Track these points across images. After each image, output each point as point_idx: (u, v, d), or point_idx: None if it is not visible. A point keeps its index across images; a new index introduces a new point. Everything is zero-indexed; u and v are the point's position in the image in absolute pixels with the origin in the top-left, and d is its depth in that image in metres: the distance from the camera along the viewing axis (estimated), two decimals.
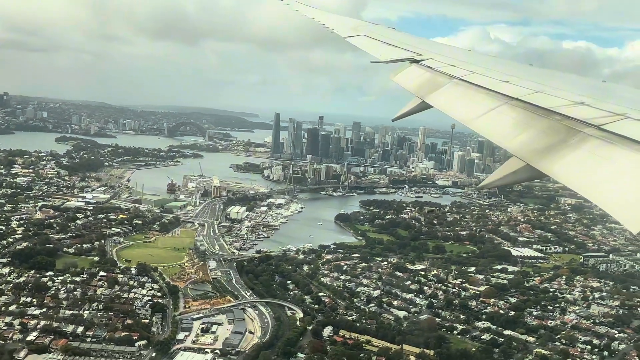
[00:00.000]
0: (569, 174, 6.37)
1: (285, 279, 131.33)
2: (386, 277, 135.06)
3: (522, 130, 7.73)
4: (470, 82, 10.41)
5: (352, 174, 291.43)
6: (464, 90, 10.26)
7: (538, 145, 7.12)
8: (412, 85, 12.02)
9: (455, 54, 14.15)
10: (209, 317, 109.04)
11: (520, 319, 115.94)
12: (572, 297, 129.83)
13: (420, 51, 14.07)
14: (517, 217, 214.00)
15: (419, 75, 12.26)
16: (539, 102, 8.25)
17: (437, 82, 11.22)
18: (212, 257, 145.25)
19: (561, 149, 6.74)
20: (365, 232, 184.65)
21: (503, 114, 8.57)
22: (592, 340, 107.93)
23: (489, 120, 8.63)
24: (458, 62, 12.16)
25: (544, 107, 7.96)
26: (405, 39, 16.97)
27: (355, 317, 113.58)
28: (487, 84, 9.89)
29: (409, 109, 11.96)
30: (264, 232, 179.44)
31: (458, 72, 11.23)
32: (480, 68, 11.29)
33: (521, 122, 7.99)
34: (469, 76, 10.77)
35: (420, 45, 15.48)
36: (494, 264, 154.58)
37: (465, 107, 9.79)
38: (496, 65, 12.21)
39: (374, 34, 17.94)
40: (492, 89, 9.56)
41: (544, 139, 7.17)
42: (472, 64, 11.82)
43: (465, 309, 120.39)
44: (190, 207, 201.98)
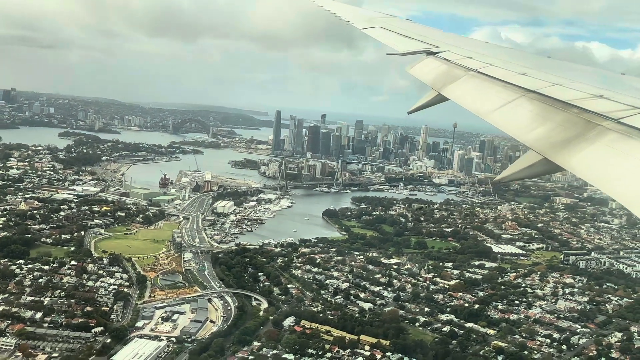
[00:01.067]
0: (586, 168, 6.28)
1: (257, 271, 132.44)
2: (357, 270, 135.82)
3: (539, 123, 7.67)
4: (487, 75, 10.34)
5: (348, 171, 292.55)
6: (481, 83, 10.21)
7: (555, 138, 7.08)
8: (428, 77, 11.98)
9: (473, 46, 14.06)
10: (172, 306, 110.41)
11: (484, 312, 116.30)
12: (542, 293, 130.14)
13: (437, 43, 14.01)
14: (505, 214, 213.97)
15: (435, 68, 12.20)
16: (556, 94, 8.18)
17: (453, 75, 11.19)
18: (189, 249, 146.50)
19: (579, 143, 6.65)
20: (349, 228, 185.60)
21: (520, 106, 8.50)
22: (552, 334, 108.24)
23: (505, 113, 8.56)
24: (475, 54, 12.10)
25: (561, 100, 7.90)
26: (422, 31, 16.96)
27: (320, 309, 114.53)
28: (504, 77, 9.83)
29: (425, 101, 11.94)
30: (248, 226, 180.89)
31: (475, 65, 11.20)
32: (498, 60, 11.28)
33: (538, 115, 7.92)
34: (486, 68, 10.73)
35: (437, 37, 15.45)
36: (473, 259, 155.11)
37: (482, 100, 9.71)
38: (514, 57, 12.26)
39: (390, 26, 17.77)
40: (509, 82, 9.49)
41: (562, 133, 7.11)
42: (490, 56, 11.81)
43: (430, 302, 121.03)
44: (178, 200, 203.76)
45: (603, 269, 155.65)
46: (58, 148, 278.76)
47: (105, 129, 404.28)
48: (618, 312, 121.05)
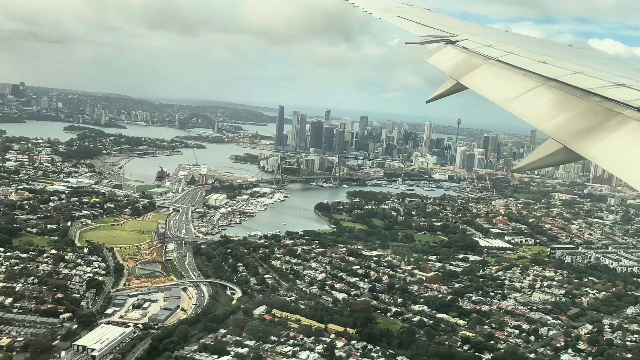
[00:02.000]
0: (607, 157, 6.25)
1: (237, 262, 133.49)
2: (336, 262, 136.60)
3: (560, 111, 7.61)
4: (506, 63, 10.24)
5: (347, 166, 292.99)
6: (500, 71, 10.13)
7: (576, 127, 7.01)
8: (447, 66, 11.90)
9: (492, 35, 13.88)
10: (146, 294, 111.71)
11: (456, 303, 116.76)
12: (519, 285, 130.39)
13: (456, 32, 13.95)
14: (498, 210, 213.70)
15: (454, 56, 12.11)
16: (577, 83, 8.12)
17: (472, 63, 11.08)
18: (173, 240, 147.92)
19: (600, 131, 6.60)
20: (339, 221, 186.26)
21: (540, 95, 8.43)
22: (521, 325, 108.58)
23: (525, 101, 8.50)
24: (495, 43, 12.02)
25: (582, 89, 7.84)
26: (441, 20, 16.90)
27: (294, 298, 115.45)
28: (524, 65, 9.73)
29: (443, 90, 11.83)
30: (238, 218, 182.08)
31: (494, 53, 11.09)
32: (518, 49, 11.17)
33: (559, 104, 7.85)
34: (505, 57, 10.62)
35: (456, 25, 15.38)
36: (458, 253, 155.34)
37: (501, 89, 9.61)
38: (534, 46, 12.17)
39: (408, 15, 17.64)
40: (529, 70, 9.40)
41: (582, 121, 7.05)
42: (509, 45, 11.72)
43: (405, 293, 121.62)
44: (171, 193, 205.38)
45: (588, 263, 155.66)
46: (60, 141, 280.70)
47: (112, 124, 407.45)
48: (592, 305, 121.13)
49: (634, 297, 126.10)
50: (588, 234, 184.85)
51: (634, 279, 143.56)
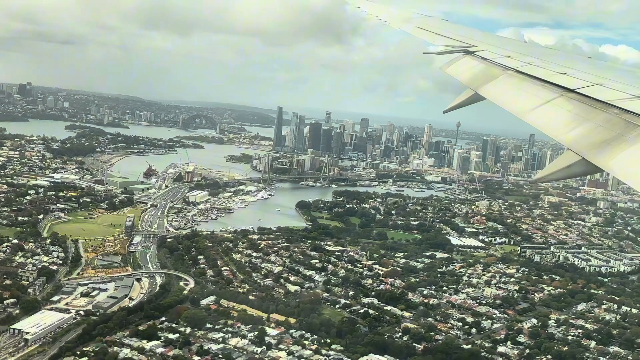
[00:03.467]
0: (626, 170, 6.20)
1: (199, 254, 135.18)
2: (297, 256, 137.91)
3: (579, 123, 7.57)
4: (525, 74, 10.25)
5: (338, 167, 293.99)
6: (519, 82, 10.13)
7: (594, 139, 6.96)
8: (464, 76, 11.92)
9: (511, 45, 14.00)
10: (98, 284, 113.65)
11: (405, 296, 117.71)
12: (476, 281, 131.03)
13: (474, 42, 14.02)
14: (480, 210, 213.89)
15: (473, 67, 12.17)
16: (596, 95, 8.06)
17: (491, 74, 11.11)
18: (141, 233, 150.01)
19: (618, 144, 6.53)
20: (316, 219, 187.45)
21: (559, 106, 8.40)
22: (465, 318, 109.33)
23: (543, 112, 8.46)
24: (513, 53, 12.08)
25: (601, 100, 7.79)
26: (458, 30, 16.94)
27: (246, 290, 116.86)
28: (543, 76, 9.73)
29: (461, 100, 11.81)
30: (215, 214, 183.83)
31: (513, 64, 11.10)
32: (537, 59, 11.19)
33: (577, 115, 7.81)
34: (524, 67, 10.63)
35: (474, 36, 15.50)
36: (427, 250, 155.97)
37: (520, 99, 9.63)
38: (553, 57, 12.14)
39: (425, 26, 17.77)
40: (548, 81, 9.40)
41: (601, 133, 7.00)
42: (528, 55, 11.74)
43: (358, 286, 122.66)
44: (153, 189, 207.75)
45: (556, 262, 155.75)
46: (55, 139, 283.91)
47: (114, 124, 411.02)
48: (544, 301, 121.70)
49: (588, 294, 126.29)
50: (564, 235, 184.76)
51: (599, 278, 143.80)
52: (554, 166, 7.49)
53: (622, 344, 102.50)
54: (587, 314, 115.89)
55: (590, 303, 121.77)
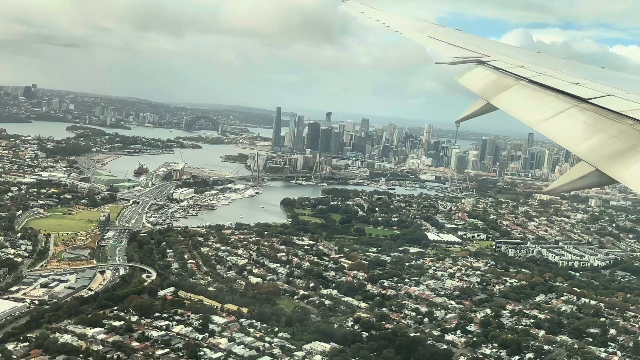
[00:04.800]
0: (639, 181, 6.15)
1: (168, 248, 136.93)
2: (265, 249, 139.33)
3: (592, 134, 7.53)
4: (539, 84, 10.23)
5: (332, 166, 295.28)
6: (532, 92, 10.10)
7: (608, 150, 6.95)
8: (477, 86, 11.91)
9: (524, 56, 14.03)
10: (60, 275, 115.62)
11: (363, 288, 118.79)
12: (440, 274, 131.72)
13: (487, 52, 14.07)
14: (464, 207, 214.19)
15: (485, 77, 12.15)
16: (610, 105, 8.04)
17: (503, 84, 11.12)
18: (117, 228, 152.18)
19: (633, 155, 6.52)
20: (297, 215, 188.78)
21: (572, 117, 8.36)
22: (419, 308, 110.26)
23: (557, 123, 8.44)
24: (526, 64, 12.10)
25: (615, 111, 7.76)
26: (471, 40, 17.03)
27: (207, 282, 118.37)
28: (556, 86, 9.73)
29: (473, 110, 11.84)
30: (196, 211, 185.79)
31: (526, 74, 11.10)
32: (550, 70, 11.19)
33: (591, 126, 7.77)
34: (537, 77, 10.61)
35: (487, 46, 15.58)
36: (402, 245, 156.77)
37: (533, 110, 9.61)
38: (566, 67, 12.22)
39: (438, 36, 17.85)
40: (562, 91, 9.36)
41: (615, 144, 6.98)
42: (541, 66, 11.80)
43: (319, 278, 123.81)
44: (139, 187, 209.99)
45: (529, 257, 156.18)
46: (52, 139, 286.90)
47: (117, 125, 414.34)
48: (503, 293, 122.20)
49: (549, 286, 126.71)
50: (544, 231, 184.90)
51: (569, 272, 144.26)
52: (567, 177, 7.46)
53: (571, 333, 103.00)
54: (544, 305, 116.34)
55: (550, 295, 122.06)
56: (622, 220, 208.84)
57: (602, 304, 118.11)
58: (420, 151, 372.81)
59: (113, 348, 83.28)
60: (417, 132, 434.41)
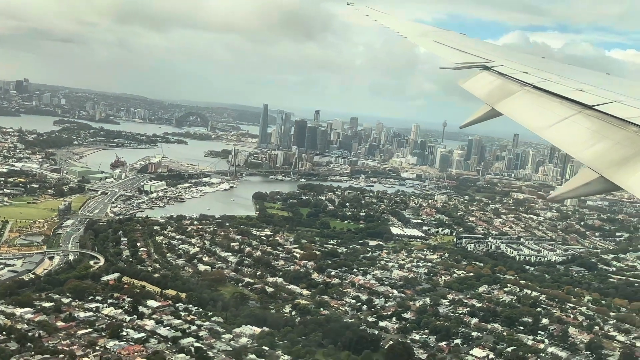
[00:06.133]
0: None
1: (123, 237, 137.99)
2: (219, 239, 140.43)
3: (597, 140, 7.51)
4: (543, 90, 10.21)
5: (311, 162, 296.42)
6: (537, 98, 10.09)
7: (613, 156, 6.94)
8: (481, 92, 11.86)
9: (528, 61, 13.97)
10: (7, 259, 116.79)
11: (309, 276, 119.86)
12: (390, 265, 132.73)
13: (491, 57, 14.09)
14: (436, 204, 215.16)
15: (490, 82, 12.12)
16: (615, 112, 8.02)
17: (508, 89, 11.08)
18: (76, 217, 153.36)
19: (637, 162, 6.53)
20: (266, 209, 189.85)
21: (577, 123, 8.36)
22: (360, 296, 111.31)
23: (561, 129, 8.43)
24: (531, 69, 12.06)
25: (620, 118, 7.75)
26: (476, 45, 17.02)
27: (154, 269, 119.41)
28: (561, 92, 9.71)
29: (477, 116, 11.78)
30: (165, 202, 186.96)
31: (531, 80, 11.07)
32: (555, 76, 11.20)
33: (596, 133, 7.76)
34: (542, 84, 10.59)
35: (491, 51, 15.57)
36: (364, 238, 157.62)
37: (537, 116, 9.60)
38: (571, 73, 12.23)
39: (443, 40, 17.80)
40: (566, 97, 9.37)
41: (620, 151, 6.98)
42: (546, 71, 11.75)
43: (268, 267, 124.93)
44: (112, 179, 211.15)
45: (485, 250, 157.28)
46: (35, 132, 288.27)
47: (106, 120, 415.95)
48: (448, 283, 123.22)
49: (494, 278, 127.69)
50: (508, 228, 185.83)
51: (524, 266, 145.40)
52: (572, 184, 7.30)
53: (503, 321, 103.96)
54: (485, 295, 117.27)
55: (494, 286, 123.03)
56: (592, 219, 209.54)
57: (543, 295, 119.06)
58: (407, 150, 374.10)
59: (37, 327, 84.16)
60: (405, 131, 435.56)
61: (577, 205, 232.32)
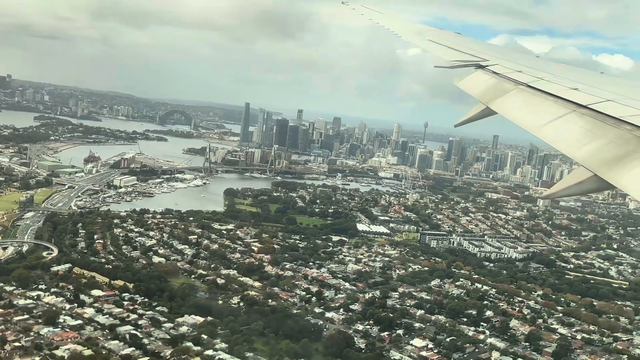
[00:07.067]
0: (637, 187, 6.22)
1: (81, 229, 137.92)
2: (178, 232, 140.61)
3: (590, 139, 7.56)
4: (537, 89, 10.25)
5: (289, 160, 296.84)
6: (531, 97, 10.12)
7: (606, 155, 6.97)
8: (476, 90, 11.89)
9: (523, 60, 14.01)
10: None
11: (262, 269, 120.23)
12: (347, 259, 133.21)
13: (486, 56, 14.09)
14: (407, 202, 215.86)
15: (484, 81, 12.15)
16: (609, 111, 8.05)
17: (502, 88, 11.12)
18: (37, 209, 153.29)
19: (631, 161, 6.56)
20: (235, 204, 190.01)
21: (571, 122, 8.39)
22: (310, 288, 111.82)
23: (555, 128, 8.46)
24: (525, 68, 12.12)
25: (614, 117, 7.78)
26: (471, 44, 16.96)
27: (107, 260, 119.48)
28: (555, 91, 9.73)
29: (472, 114, 11.78)
30: (132, 197, 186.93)
31: (525, 79, 11.11)
32: (549, 75, 11.22)
33: (589, 132, 7.80)
34: (536, 83, 10.63)
35: (486, 50, 15.56)
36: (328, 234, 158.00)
37: (531, 115, 9.63)
38: (565, 72, 12.23)
39: (438, 39, 17.81)
40: (560, 97, 9.39)
41: (613, 150, 7.01)
42: (540, 71, 11.79)
43: (223, 259, 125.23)
44: (82, 173, 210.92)
45: (448, 247, 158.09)
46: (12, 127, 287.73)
47: (89, 117, 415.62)
48: (401, 277, 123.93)
49: (447, 272, 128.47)
50: (474, 226, 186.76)
51: (483, 262, 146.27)
52: (565, 182, 7.36)
53: (448, 313, 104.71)
54: (436, 288, 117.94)
55: (447, 280, 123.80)
56: (561, 218, 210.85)
57: (494, 289, 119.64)
58: (388, 150, 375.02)
59: None
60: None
61: (549, 205, 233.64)
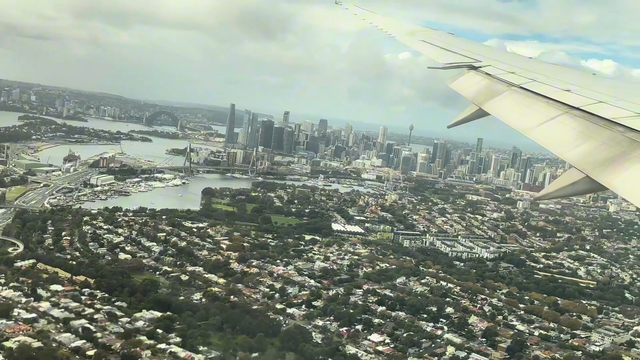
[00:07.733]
0: (629, 188, 6.25)
1: (50, 226, 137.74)
2: (147, 229, 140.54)
3: (583, 141, 7.59)
4: (529, 90, 10.29)
5: (271, 161, 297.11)
6: (523, 99, 10.16)
7: (598, 157, 6.99)
8: (469, 92, 11.90)
9: (516, 61, 14.01)
10: None
11: (227, 266, 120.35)
12: (316, 257, 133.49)
13: (479, 57, 14.07)
14: (384, 203, 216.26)
15: (477, 82, 12.14)
16: (601, 112, 8.08)
17: (495, 89, 11.13)
18: (8, 206, 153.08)
19: (623, 162, 6.59)
20: (212, 204, 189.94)
21: (563, 123, 8.40)
22: (274, 284, 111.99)
23: (548, 129, 8.48)
24: (518, 70, 12.13)
25: (606, 118, 7.81)
26: (464, 45, 16.91)
27: (72, 256, 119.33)
28: (547, 93, 9.76)
29: (465, 116, 11.81)
30: (107, 196, 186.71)
31: (518, 80, 11.14)
32: (542, 76, 11.26)
33: (582, 133, 7.83)
34: (529, 84, 10.67)
35: (479, 51, 15.54)
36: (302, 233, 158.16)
37: (524, 116, 9.64)
38: (558, 73, 12.21)
39: (431, 39, 17.77)
40: (552, 98, 9.42)
41: (605, 151, 7.03)
42: (533, 72, 11.83)
43: (190, 256, 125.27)
44: (59, 172, 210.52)
45: (419, 247, 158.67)
46: None
47: (75, 117, 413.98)
48: (368, 274, 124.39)
49: (414, 270, 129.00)
50: (449, 226, 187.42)
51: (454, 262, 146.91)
52: (558, 183, 7.35)
53: (408, 309, 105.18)
54: (401, 286, 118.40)
55: (412, 278, 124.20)
56: (537, 220, 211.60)
57: (458, 287, 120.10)
58: (373, 152, 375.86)
59: None
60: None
61: (528, 207, 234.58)
